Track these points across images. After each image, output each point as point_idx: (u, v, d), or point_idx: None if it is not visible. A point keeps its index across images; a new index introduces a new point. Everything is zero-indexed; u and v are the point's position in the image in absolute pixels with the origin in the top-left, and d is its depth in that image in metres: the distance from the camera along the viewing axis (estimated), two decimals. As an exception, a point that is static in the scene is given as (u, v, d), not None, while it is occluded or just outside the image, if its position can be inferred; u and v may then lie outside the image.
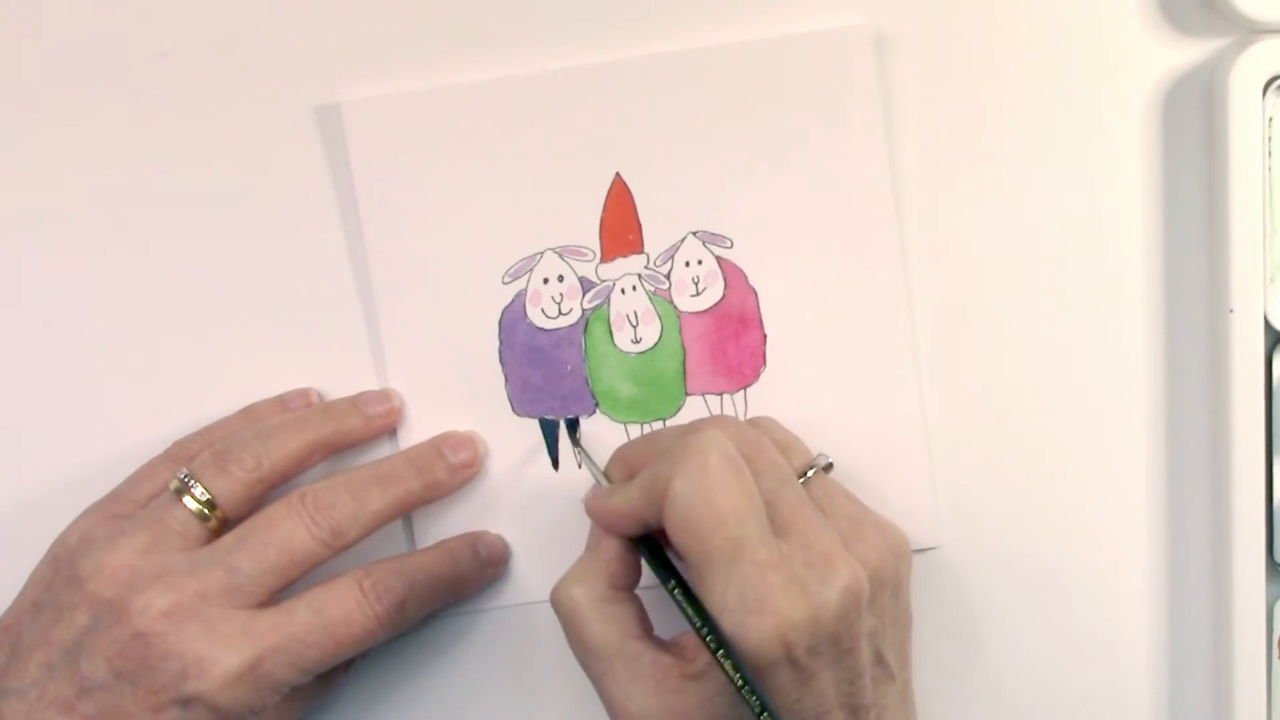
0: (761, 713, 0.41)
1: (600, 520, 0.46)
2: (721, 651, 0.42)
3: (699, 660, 0.43)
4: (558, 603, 0.45)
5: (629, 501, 0.44)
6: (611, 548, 0.45)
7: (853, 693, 0.43)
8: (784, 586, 0.41)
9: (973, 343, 0.51)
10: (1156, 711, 0.52)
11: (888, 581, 0.45)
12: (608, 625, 0.44)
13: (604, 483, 0.48)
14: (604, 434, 0.51)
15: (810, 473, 0.46)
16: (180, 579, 0.44)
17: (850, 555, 0.43)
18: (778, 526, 0.43)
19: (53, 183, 0.51)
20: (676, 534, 0.42)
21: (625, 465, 0.47)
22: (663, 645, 0.44)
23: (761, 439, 0.45)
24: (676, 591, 0.43)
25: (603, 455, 0.51)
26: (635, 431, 0.51)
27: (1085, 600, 0.52)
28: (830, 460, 0.47)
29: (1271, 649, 0.50)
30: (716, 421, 0.46)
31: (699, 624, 0.42)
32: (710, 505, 0.41)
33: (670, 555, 0.45)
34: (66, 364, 0.51)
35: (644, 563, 0.46)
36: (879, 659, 0.44)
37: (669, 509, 0.42)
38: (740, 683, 0.41)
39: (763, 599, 0.41)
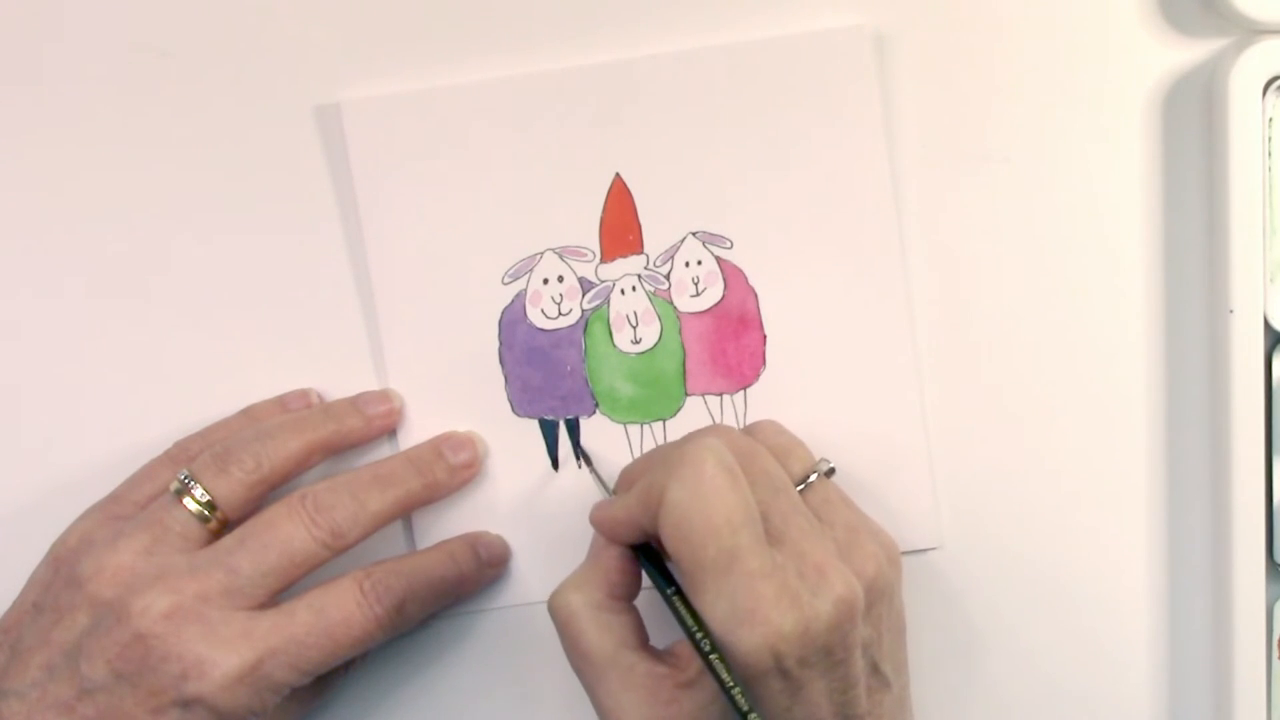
0: (748, 713, 0.41)
1: (602, 529, 0.46)
2: (714, 655, 0.41)
3: (692, 669, 0.43)
4: (554, 609, 0.45)
5: (627, 508, 0.44)
6: (612, 557, 0.45)
7: (846, 702, 0.43)
8: (775, 597, 0.41)
9: (973, 342, 0.51)
10: (1156, 712, 0.52)
11: (884, 591, 0.44)
12: (603, 634, 0.44)
13: (609, 496, 0.48)
14: (604, 434, 0.51)
15: (812, 478, 0.46)
16: (180, 580, 0.44)
17: (845, 566, 0.43)
18: (771, 536, 0.43)
19: (52, 183, 0.51)
20: (670, 541, 0.42)
21: (628, 482, 0.47)
22: (657, 655, 0.44)
23: (755, 447, 0.45)
24: (675, 598, 0.43)
25: (602, 455, 0.51)
26: (635, 432, 0.51)
27: (1085, 600, 0.52)
28: (832, 465, 0.47)
29: (1271, 649, 0.50)
30: (712, 430, 0.46)
31: (693, 627, 0.42)
32: (704, 514, 0.41)
33: (668, 564, 0.45)
34: (67, 364, 0.51)
35: (643, 573, 0.46)
36: (874, 668, 0.44)
37: (663, 516, 0.42)
38: (730, 683, 0.41)
39: (753, 609, 0.41)
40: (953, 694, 0.52)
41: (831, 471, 0.47)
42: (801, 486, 0.46)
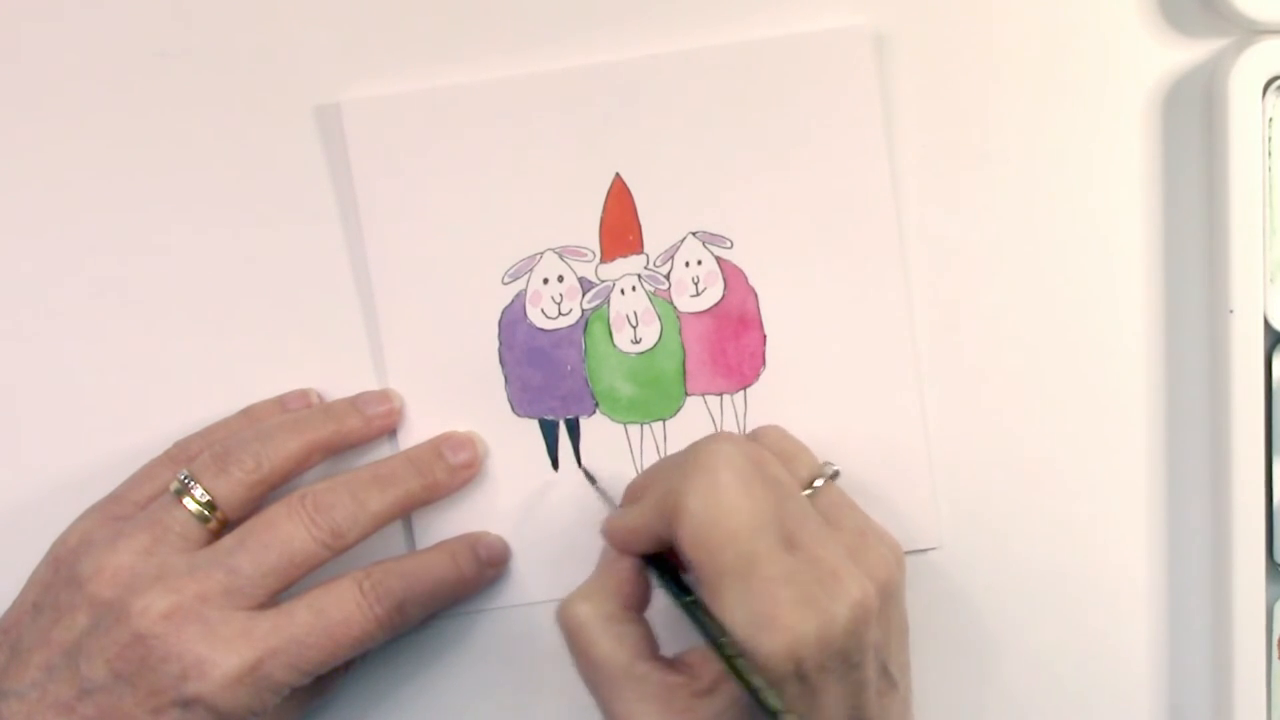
0: (780, 712, 0.41)
1: (615, 540, 0.46)
2: (738, 659, 0.41)
3: (706, 677, 0.43)
4: (564, 619, 0.44)
5: (643, 517, 0.44)
6: (624, 568, 0.45)
7: (858, 706, 0.43)
8: (794, 602, 0.41)
9: (972, 342, 0.51)
10: (1156, 711, 0.52)
11: (894, 594, 0.44)
12: (616, 644, 0.44)
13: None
14: (604, 434, 0.51)
15: (818, 483, 0.46)
16: (180, 580, 0.44)
17: (858, 569, 0.43)
18: (785, 542, 0.42)
19: (52, 182, 0.51)
20: (689, 549, 0.42)
21: (634, 495, 0.47)
22: (670, 664, 0.44)
23: (762, 453, 0.45)
24: (695, 607, 0.43)
25: (602, 455, 0.51)
26: (635, 432, 0.51)
27: (1085, 600, 0.52)
28: (837, 469, 0.47)
29: (1271, 649, 0.50)
30: (720, 436, 0.46)
31: (716, 633, 0.42)
32: (723, 519, 0.41)
33: (682, 574, 0.45)
34: (67, 364, 0.51)
35: (654, 583, 0.45)
36: (883, 671, 0.44)
37: (682, 524, 0.42)
38: (758, 685, 0.41)
39: (773, 615, 0.40)
40: (952, 694, 0.52)
41: (836, 475, 0.47)
42: (809, 491, 0.46)
